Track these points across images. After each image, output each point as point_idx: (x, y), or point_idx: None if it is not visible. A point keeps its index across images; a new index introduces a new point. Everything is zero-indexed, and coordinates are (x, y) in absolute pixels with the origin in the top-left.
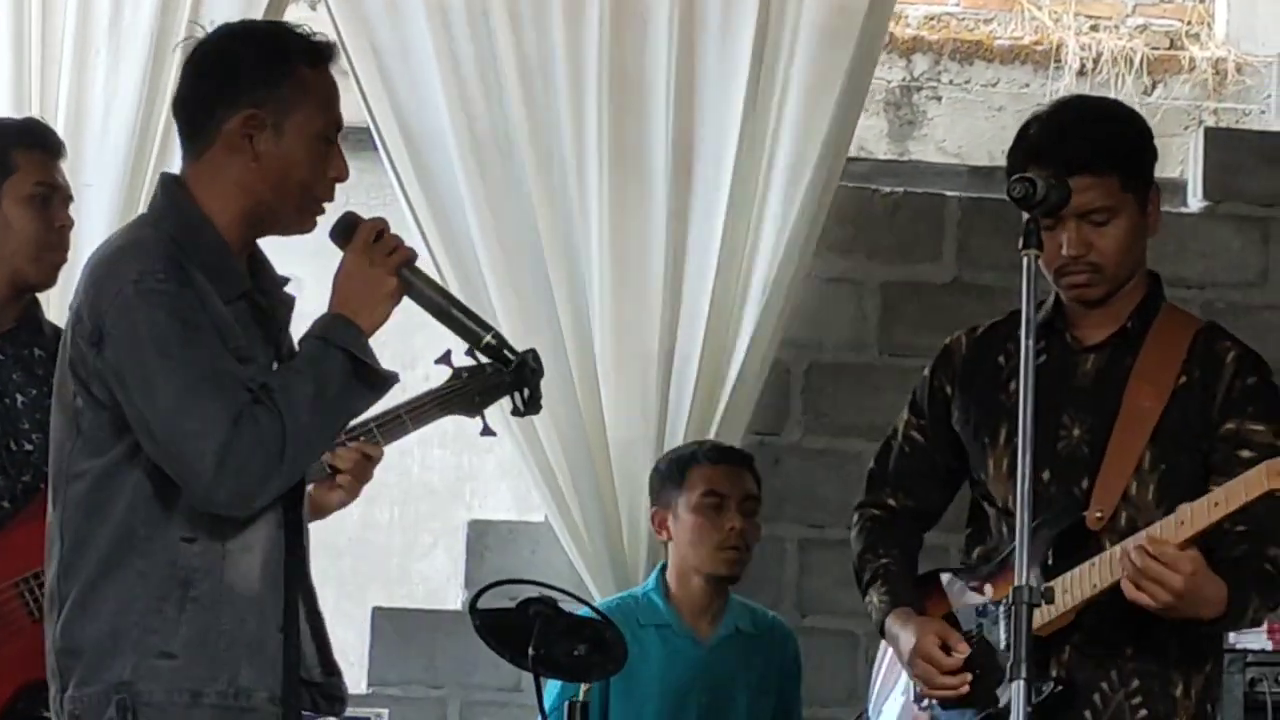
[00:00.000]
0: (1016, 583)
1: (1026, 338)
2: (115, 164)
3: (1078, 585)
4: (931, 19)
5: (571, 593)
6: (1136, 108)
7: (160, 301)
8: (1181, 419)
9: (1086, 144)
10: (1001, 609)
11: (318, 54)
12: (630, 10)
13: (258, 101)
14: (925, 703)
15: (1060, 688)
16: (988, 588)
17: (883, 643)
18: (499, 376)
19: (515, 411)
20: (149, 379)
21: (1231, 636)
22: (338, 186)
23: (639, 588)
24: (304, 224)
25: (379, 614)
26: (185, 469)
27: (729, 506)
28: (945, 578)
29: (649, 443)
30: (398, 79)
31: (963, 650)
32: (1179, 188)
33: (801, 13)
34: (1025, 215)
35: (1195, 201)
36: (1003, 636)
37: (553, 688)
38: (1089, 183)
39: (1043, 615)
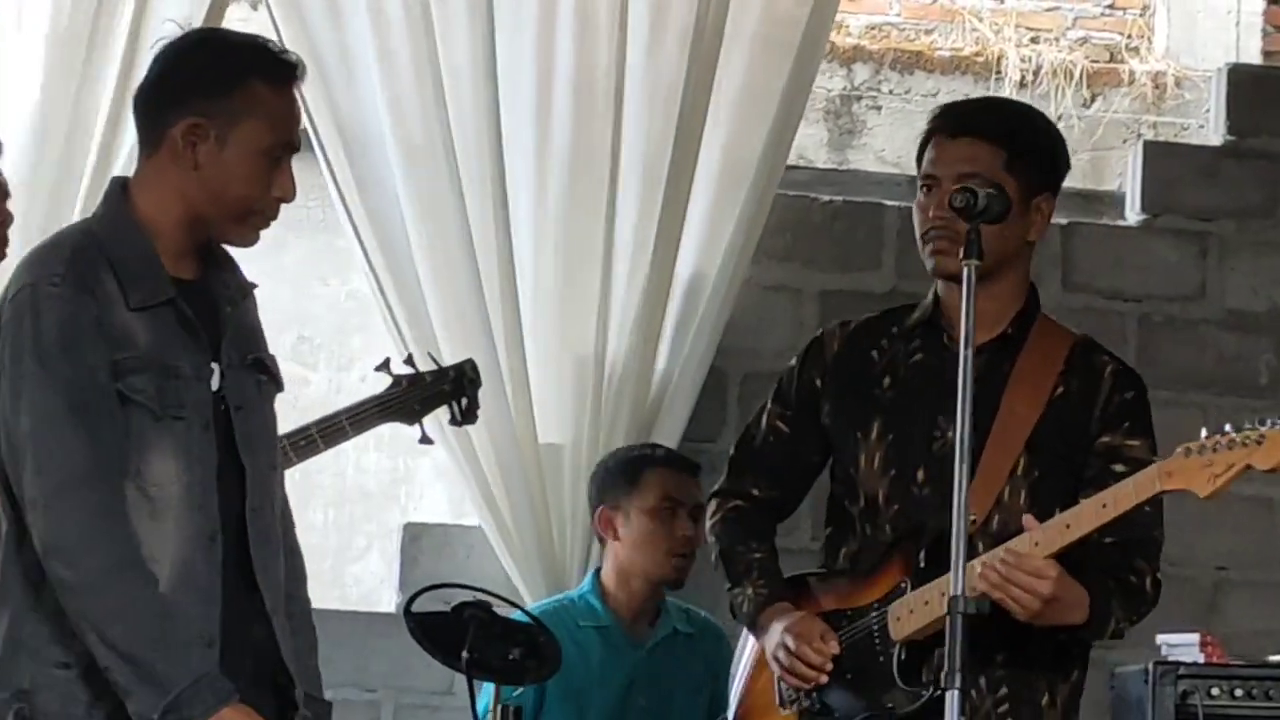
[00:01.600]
0: (951, 592)
1: (965, 347)
2: (50, 170)
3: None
4: (872, 29)
5: (505, 597)
6: (1076, 120)
7: (50, 307)
8: (1057, 428)
9: (985, 112)
10: (874, 613)
11: (278, 71)
12: (567, 14)
13: (205, 111)
14: (792, 704)
15: (938, 693)
16: (858, 592)
17: (746, 642)
18: (438, 385)
19: (453, 420)
20: (19, 385)
21: (1164, 649)
22: None
23: (574, 590)
24: (244, 237)
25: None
26: (19, 487)
27: (681, 514)
28: (813, 581)
29: (581, 449)
30: (337, 82)
31: (832, 648)
32: (1118, 200)
33: (742, 20)
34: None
35: (1134, 215)
36: (877, 640)
37: (485, 691)
38: (972, 144)
39: (918, 620)
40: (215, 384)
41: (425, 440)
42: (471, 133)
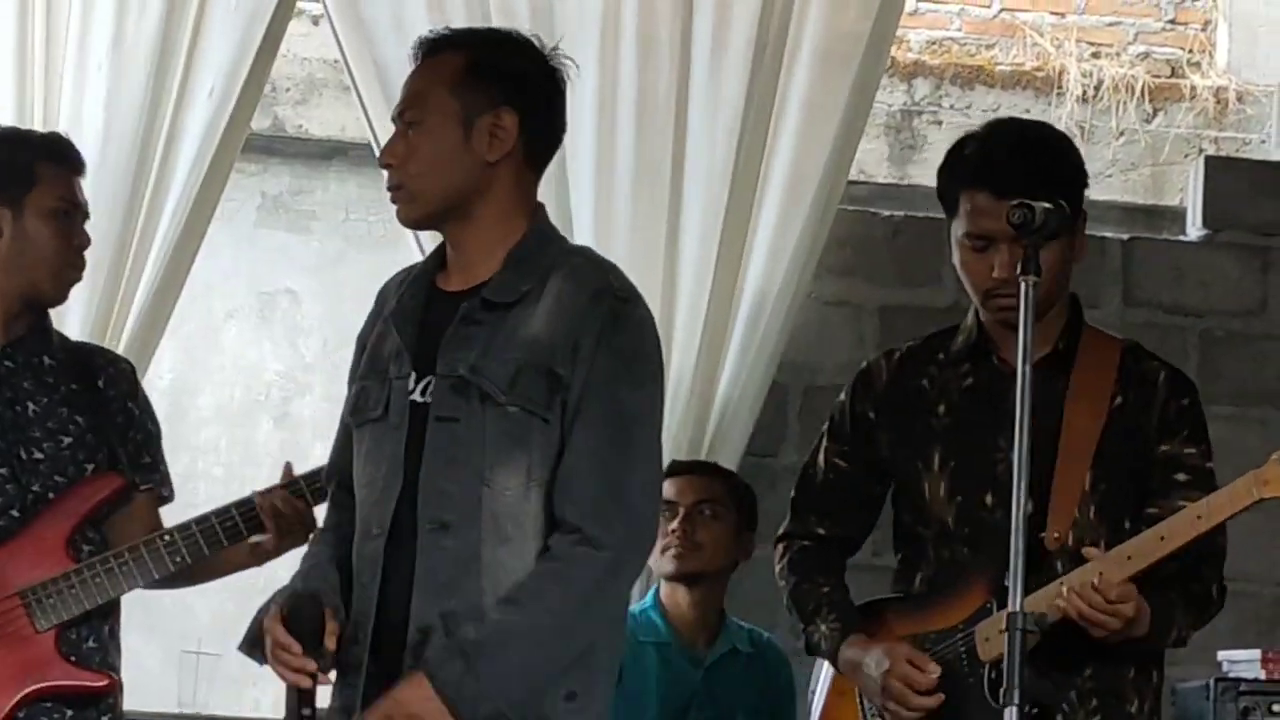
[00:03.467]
0: (1011, 609)
1: (1024, 363)
2: (114, 182)
3: (1041, 609)
4: (933, 44)
5: None
6: (1138, 135)
7: None
8: (1120, 440)
9: (1024, 169)
10: (960, 635)
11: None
12: (629, 28)
13: None
14: None
15: (1036, 710)
16: (940, 615)
17: (822, 673)
18: None
19: None
20: None
21: (1225, 665)
22: (351, 202)
23: (637, 605)
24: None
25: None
26: None
27: (678, 513)
28: (889, 606)
29: None
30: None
31: (934, 670)
32: (1179, 216)
33: (803, 34)
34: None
35: (1195, 230)
36: (965, 661)
37: None
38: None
39: (1003, 641)
40: (424, 393)
41: None
42: None
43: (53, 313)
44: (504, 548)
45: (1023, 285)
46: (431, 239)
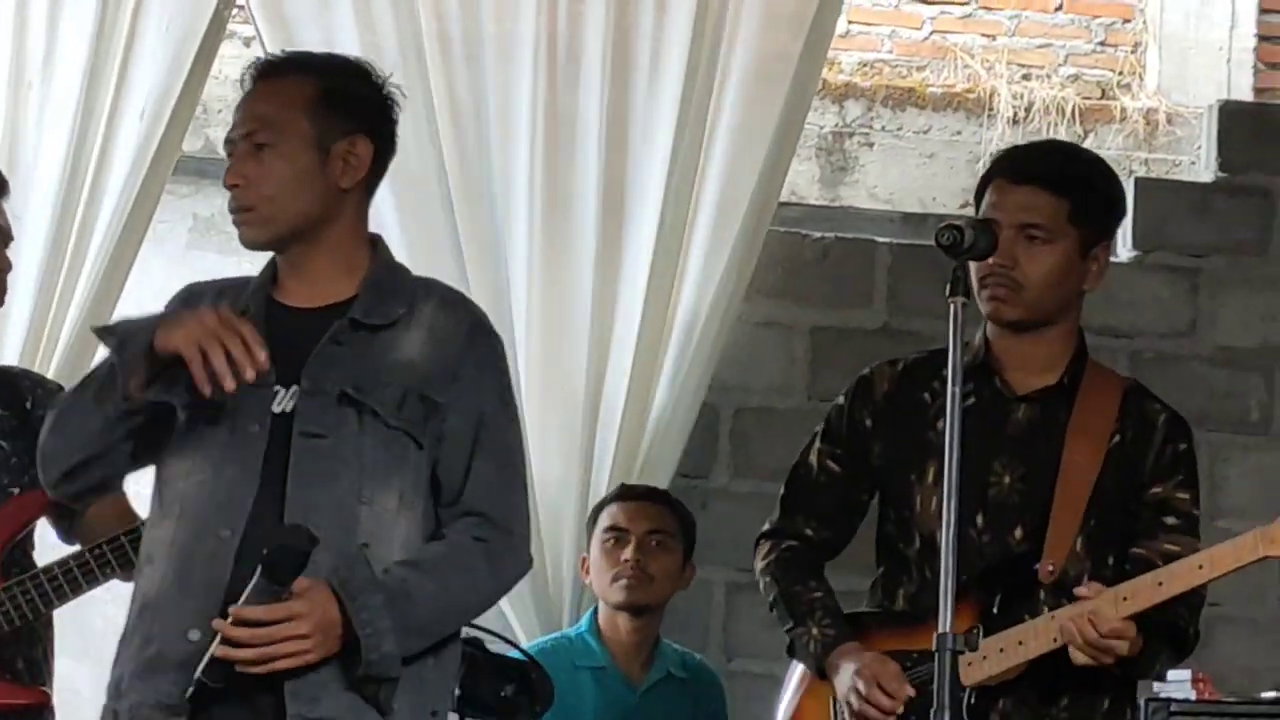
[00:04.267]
0: (940, 629)
1: (953, 384)
2: (46, 203)
3: (1032, 639)
4: (865, 65)
5: (499, 634)
6: None
7: None
8: (1116, 479)
9: (1050, 161)
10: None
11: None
12: (563, 50)
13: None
14: None
15: None
16: (925, 635)
17: (795, 674)
18: None
19: None
20: None
21: (1156, 686)
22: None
23: (573, 629)
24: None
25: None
26: None
27: (628, 541)
28: (871, 620)
29: (574, 485)
30: None
31: (904, 694)
32: None
33: (734, 56)
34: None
35: (1125, 251)
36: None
37: None
38: (1036, 194)
39: (991, 667)
40: (288, 405)
41: None
42: (466, 171)
43: None
44: (376, 564)
45: (951, 307)
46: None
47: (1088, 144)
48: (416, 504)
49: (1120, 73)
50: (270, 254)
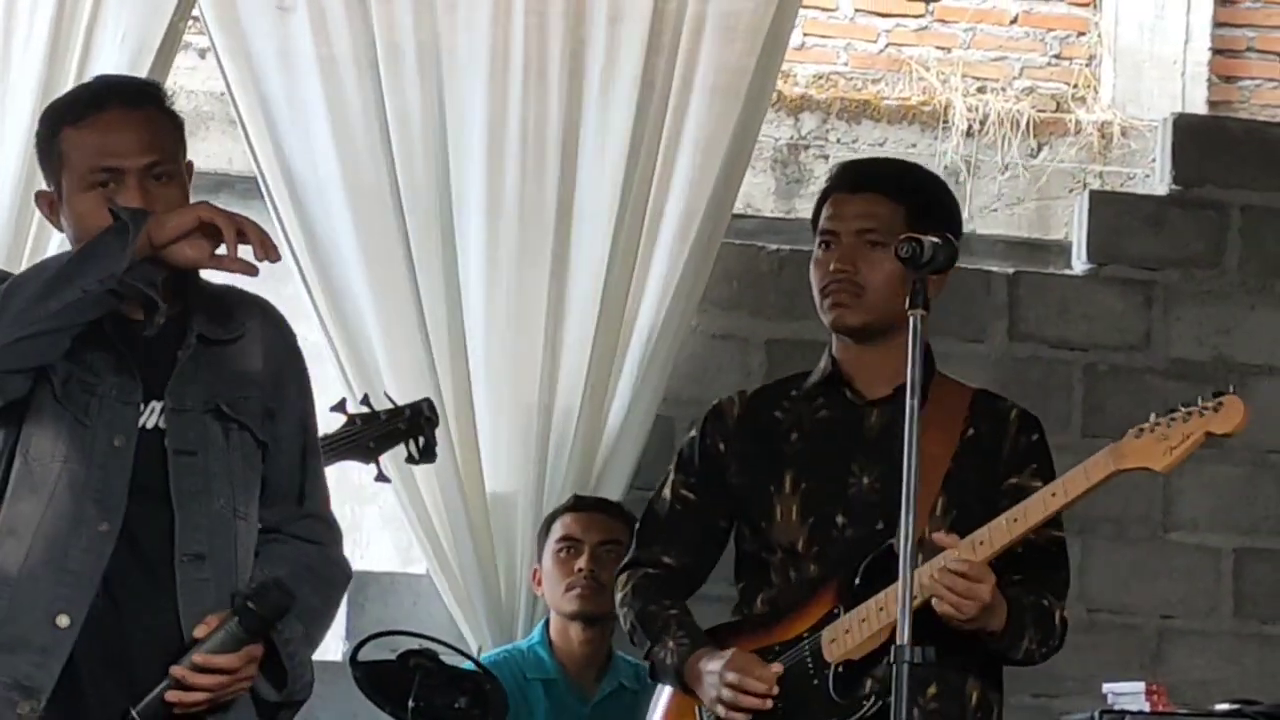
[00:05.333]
0: (898, 642)
1: (911, 397)
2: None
3: (893, 601)
4: (820, 78)
5: (452, 645)
6: (1022, 169)
7: None
8: (970, 468)
9: (885, 169)
10: (805, 641)
11: (75, 111)
12: (517, 62)
13: (48, 178)
14: None
15: (879, 704)
16: (785, 628)
17: (662, 699)
18: (393, 423)
19: (409, 459)
20: None
21: (1110, 697)
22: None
23: (524, 640)
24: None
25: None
26: None
27: (582, 550)
28: (730, 630)
29: (528, 495)
30: (285, 129)
31: (772, 670)
32: (1064, 250)
33: (689, 69)
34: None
35: (1079, 264)
36: (810, 665)
37: None
38: (874, 200)
39: (855, 638)
40: (154, 421)
41: (382, 478)
42: (421, 181)
43: None
44: (246, 574)
45: (911, 319)
46: (315, 272)
47: (1042, 157)
48: (256, 509)
49: (1075, 85)
50: None
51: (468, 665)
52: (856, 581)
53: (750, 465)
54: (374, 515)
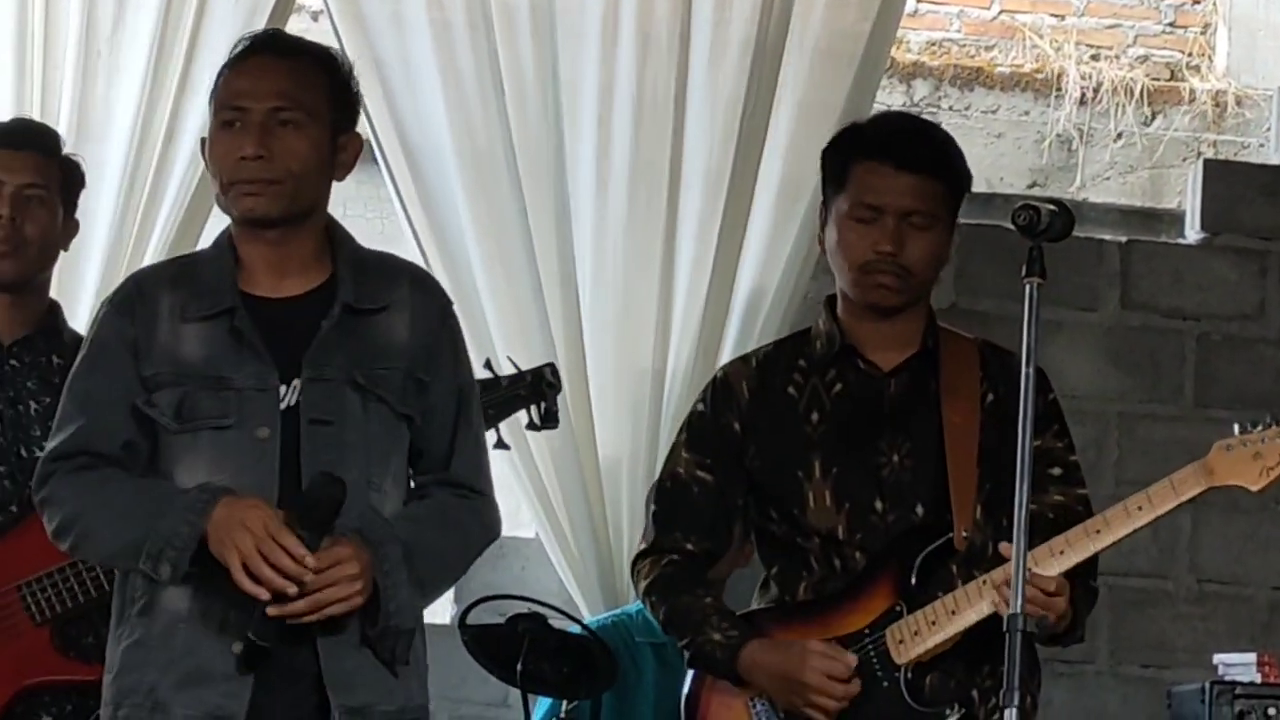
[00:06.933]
0: (1012, 610)
1: (1027, 364)
2: (113, 175)
3: (966, 606)
4: (933, 44)
5: (562, 609)
6: (1136, 138)
7: (94, 323)
8: (997, 437)
9: (929, 146)
10: (868, 638)
11: (232, 54)
12: (629, 27)
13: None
14: None
15: (962, 710)
16: (840, 620)
17: (702, 689)
18: (515, 389)
19: (530, 425)
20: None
21: (1221, 668)
22: (349, 197)
23: (634, 604)
24: (239, 209)
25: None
26: None
27: None
28: (771, 616)
29: (640, 460)
30: (399, 92)
31: (851, 659)
32: (1177, 219)
33: (803, 34)
34: (1030, 243)
35: (1193, 233)
36: (876, 664)
37: (541, 704)
38: (922, 182)
39: (925, 641)
40: (293, 399)
41: (501, 445)
42: (533, 145)
43: (65, 306)
44: None
45: (1027, 288)
46: (429, 235)
47: (1155, 125)
48: (403, 478)
49: (1189, 54)
50: (215, 234)
51: (576, 629)
52: (913, 581)
53: (772, 450)
54: None
